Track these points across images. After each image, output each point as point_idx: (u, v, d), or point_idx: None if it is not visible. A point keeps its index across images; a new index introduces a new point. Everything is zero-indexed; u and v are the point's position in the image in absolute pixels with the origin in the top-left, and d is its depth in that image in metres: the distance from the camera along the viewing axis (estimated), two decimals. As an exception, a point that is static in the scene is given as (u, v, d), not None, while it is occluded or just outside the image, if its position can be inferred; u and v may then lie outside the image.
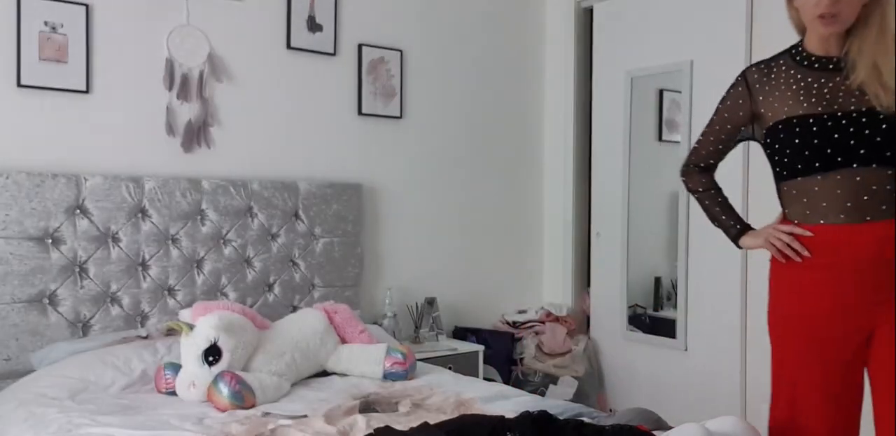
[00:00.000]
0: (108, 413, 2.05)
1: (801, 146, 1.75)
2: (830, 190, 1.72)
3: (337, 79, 3.31)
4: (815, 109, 1.75)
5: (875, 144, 1.70)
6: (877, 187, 1.70)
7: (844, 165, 1.71)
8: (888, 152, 1.70)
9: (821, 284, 1.76)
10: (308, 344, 2.54)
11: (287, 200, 3.07)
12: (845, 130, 1.71)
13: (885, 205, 1.70)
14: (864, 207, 1.70)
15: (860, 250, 1.71)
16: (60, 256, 2.57)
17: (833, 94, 1.76)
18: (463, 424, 1.86)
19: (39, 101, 2.64)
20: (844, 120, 1.72)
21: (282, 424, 1.95)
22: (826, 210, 1.74)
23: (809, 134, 1.73)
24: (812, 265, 1.77)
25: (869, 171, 1.70)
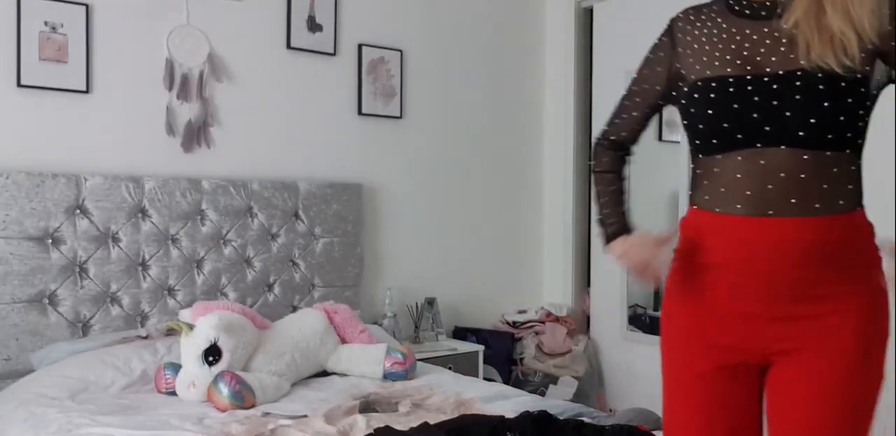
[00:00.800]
0: (108, 413, 2.05)
1: (702, 117, 1.37)
2: (730, 173, 1.34)
3: (337, 79, 3.31)
4: (724, 69, 1.37)
5: (785, 120, 1.29)
6: (786, 175, 1.28)
7: (746, 143, 1.32)
8: (801, 132, 1.28)
9: (705, 286, 1.38)
10: (308, 344, 2.54)
11: (287, 200, 3.07)
12: (748, 99, 1.32)
13: (795, 198, 1.28)
14: (768, 198, 1.29)
15: (753, 252, 1.31)
16: (60, 256, 2.57)
17: (755, 50, 1.36)
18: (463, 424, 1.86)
19: (39, 101, 2.64)
20: (751, 85, 1.33)
21: (282, 424, 1.95)
22: (724, 197, 1.35)
23: (708, 102, 1.36)
24: (700, 263, 1.39)
25: (776, 153, 1.29)
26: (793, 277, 1.30)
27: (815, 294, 1.30)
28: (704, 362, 1.38)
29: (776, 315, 1.31)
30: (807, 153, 1.28)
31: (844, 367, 1.28)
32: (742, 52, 1.37)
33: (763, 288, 1.31)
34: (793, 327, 1.31)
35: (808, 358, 1.30)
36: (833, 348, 1.29)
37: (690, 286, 1.40)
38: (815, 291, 1.30)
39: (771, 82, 1.31)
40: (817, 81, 1.28)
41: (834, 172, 1.30)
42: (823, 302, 1.30)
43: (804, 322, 1.30)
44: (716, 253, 1.36)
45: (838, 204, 1.30)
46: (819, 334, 1.30)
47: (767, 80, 1.32)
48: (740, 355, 1.35)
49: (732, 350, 1.35)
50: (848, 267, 1.31)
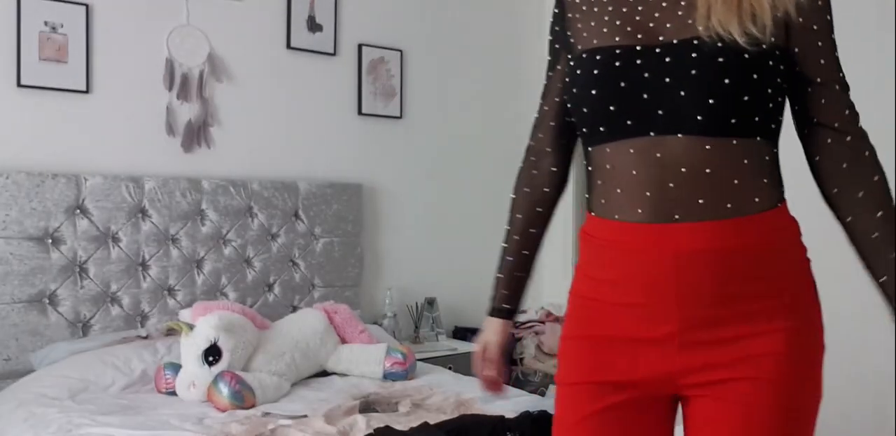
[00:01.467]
0: (108, 413, 2.05)
1: (585, 98, 1.11)
2: (624, 170, 1.08)
3: (337, 79, 3.31)
4: (612, 38, 1.11)
5: (679, 101, 1.05)
6: (688, 169, 1.04)
7: (638, 131, 1.07)
8: (699, 115, 1.04)
9: (605, 308, 1.13)
10: (308, 344, 2.54)
11: (287, 200, 3.07)
12: (638, 76, 1.07)
13: (703, 198, 1.04)
14: (671, 199, 1.05)
15: (658, 266, 1.06)
16: (60, 256, 2.57)
17: (649, 13, 1.11)
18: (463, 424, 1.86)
19: (39, 101, 2.64)
20: (640, 58, 1.07)
21: (282, 424, 1.95)
22: (621, 200, 1.09)
23: (591, 79, 1.10)
24: (600, 277, 1.14)
25: (674, 143, 1.05)
26: (708, 293, 1.05)
27: (736, 313, 1.06)
28: (598, 399, 1.12)
29: (690, 340, 1.06)
30: (709, 142, 1.04)
31: (775, 400, 1.06)
32: (634, 17, 1.11)
33: (673, 309, 1.06)
34: (710, 353, 1.06)
35: (732, 391, 1.06)
36: (760, 378, 1.06)
37: (589, 309, 1.15)
38: (735, 308, 1.06)
39: (663, 54, 1.06)
40: (716, 53, 1.03)
41: (745, 164, 1.06)
42: (746, 322, 1.06)
43: (724, 348, 1.06)
44: (616, 269, 1.10)
45: (754, 202, 1.07)
46: (743, 363, 1.06)
47: (660, 51, 1.06)
48: (647, 389, 1.11)
49: (637, 384, 1.10)
50: (772, 277, 1.08)
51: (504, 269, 1.33)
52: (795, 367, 1.08)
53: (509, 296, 1.34)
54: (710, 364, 1.07)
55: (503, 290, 1.33)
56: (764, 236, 1.08)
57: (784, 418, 1.07)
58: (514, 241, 1.32)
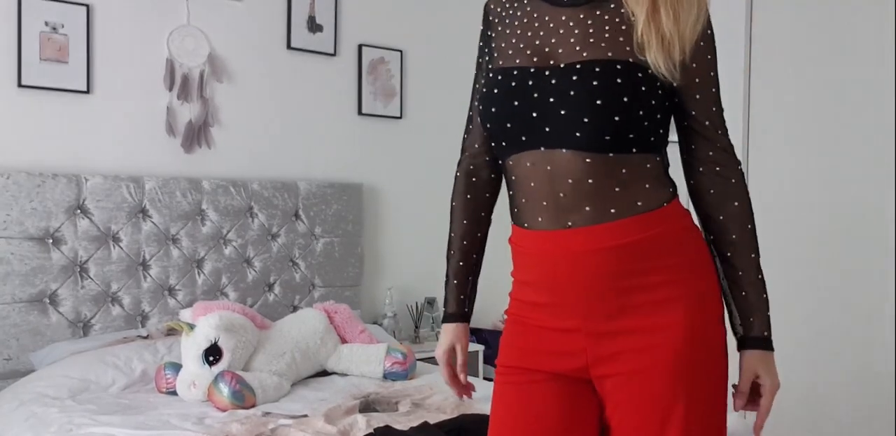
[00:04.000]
0: (108, 413, 2.06)
1: (488, 114, 1.23)
2: (525, 180, 1.20)
3: (337, 79, 3.32)
4: (513, 60, 1.22)
5: (561, 119, 1.15)
6: (574, 181, 1.15)
7: (531, 146, 1.18)
8: (577, 132, 1.14)
9: (521, 308, 1.26)
10: (308, 344, 2.55)
11: (287, 200, 3.08)
12: (529, 96, 1.17)
13: (590, 205, 1.15)
14: (563, 207, 1.16)
15: (558, 268, 1.18)
16: (61, 256, 2.58)
17: (547, 38, 1.21)
18: (463, 424, 1.86)
19: (40, 101, 2.64)
20: (532, 79, 1.18)
21: (282, 423, 1.96)
22: (526, 208, 1.21)
23: (488, 95, 1.22)
24: (517, 281, 1.27)
25: (560, 157, 1.15)
26: (605, 288, 1.15)
27: (634, 303, 1.15)
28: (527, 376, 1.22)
29: (594, 332, 1.16)
30: (588, 156, 1.14)
31: (663, 393, 1.13)
32: (535, 41, 1.22)
33: (577, 305, 1.16)
34: (611, 344, 1.16)
35: (628, 383, 1.15)
36: (653, 371, 1.14)
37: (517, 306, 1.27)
38: (633, 299, 1.15)
39: (551, 76, 1.17)
40: (592, 77, 1.14)
41: (623, 174, 1.16)
42: (644, 313, 1.15)
43: (622, 339, 1.15)
44: (531, 272, 1.22)
45: (636, 205, 1.16)
46: (637, 356, 1.14)
47: (548, 73, 1.17)
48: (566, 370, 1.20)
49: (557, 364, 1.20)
50: (667, 267, 1.16)
51: (457, 274, 1.40)
52: (689, 365, 1.15)
53: (465, 299, 1.40)
54: (616, 353, 1.16)
55: (459, 294, 1.39)
56: (649, 233, 1.16)
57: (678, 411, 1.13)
58: (463, 245, 1.41)
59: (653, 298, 1.15)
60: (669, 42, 1.14)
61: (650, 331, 1.15)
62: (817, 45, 2.83)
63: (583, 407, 1.20)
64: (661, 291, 1.16)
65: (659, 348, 1.14)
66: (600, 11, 1.19)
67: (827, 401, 2.81)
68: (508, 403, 1.24)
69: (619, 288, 1.15)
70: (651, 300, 1.15)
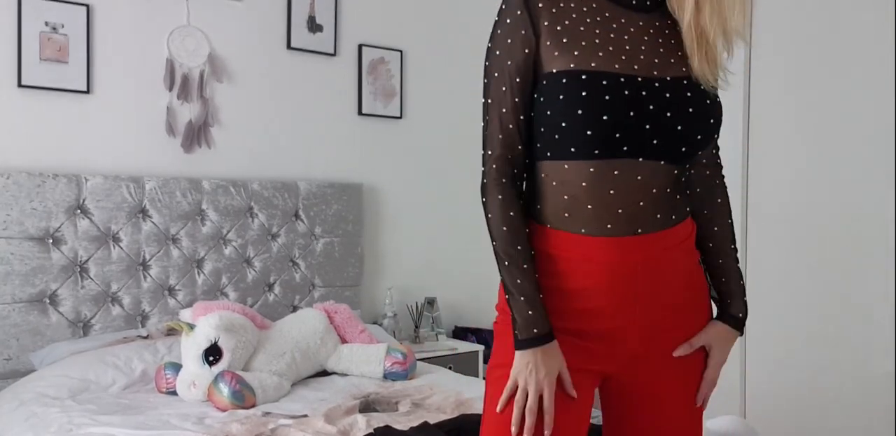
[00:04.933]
0: (108, 413, 2.06)
1: (578, 116, 1.12)
2: (602, 187, 1.14)
3: (337, 79, 3.32)
4: (610, 64, 1.14)
5: (673, 134, 1.14)
6: (657, 191, 1.16)
7: (629, 154, 1.14)
8: (685, 147, 1.16)
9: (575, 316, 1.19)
10: (308, 344, 2.55)
11: (287, 200, 3.08)
12: (642, 107, 1.13)
13: (660, 213, 1.18)
14: (637, 215, 1.16)
15: (626, 273, 1.16)
16: (61, 256, 2.58)
17: (635, 45, 1.17)
18: (463, 423, 1.86)
19: (40, 101, 2.64)
20: (646, 90, 1.13)
21: (282, 423, 1.96)
22: (591, 215, 1.15)
23: (595, 101, 1.12)
24: (566, 291, 1.18)
25: (654, 168, 1.15)
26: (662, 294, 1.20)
27: (684, 299, 1.24)
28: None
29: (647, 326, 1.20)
30: (677, 168, 1.18)
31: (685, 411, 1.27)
32: (624, 46, 1.16)
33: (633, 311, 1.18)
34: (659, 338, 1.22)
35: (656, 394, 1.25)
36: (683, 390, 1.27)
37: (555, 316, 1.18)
38: (682, 296, 1.24)
39: (662, 89, 1.14)
40: (704, 94, 1.16)
41: (681, 182, 1.24)
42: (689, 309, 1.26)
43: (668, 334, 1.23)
44: (578, 277, 1.17)
45: (684, 211, 1.25)
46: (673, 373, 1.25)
47: (658, 86, 1.14)
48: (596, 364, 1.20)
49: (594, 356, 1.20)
50: (698, 269, 1.28)
51: (531, 299, 1.17)
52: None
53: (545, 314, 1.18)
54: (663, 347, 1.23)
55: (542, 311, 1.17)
56: (686, 241, 1.25)
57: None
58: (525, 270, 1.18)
59: (695, 296, 1.26)
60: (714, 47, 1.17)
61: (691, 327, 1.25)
62: (818, 46, 2.83)
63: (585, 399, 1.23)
64: (698, 288, 1.27)
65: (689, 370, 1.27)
66: (671, 21, 1.21)
67: (827, 401, 2.80)
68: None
69: (672, 289, 1.22)
70: (694, 298, 1.26)
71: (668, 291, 1.21)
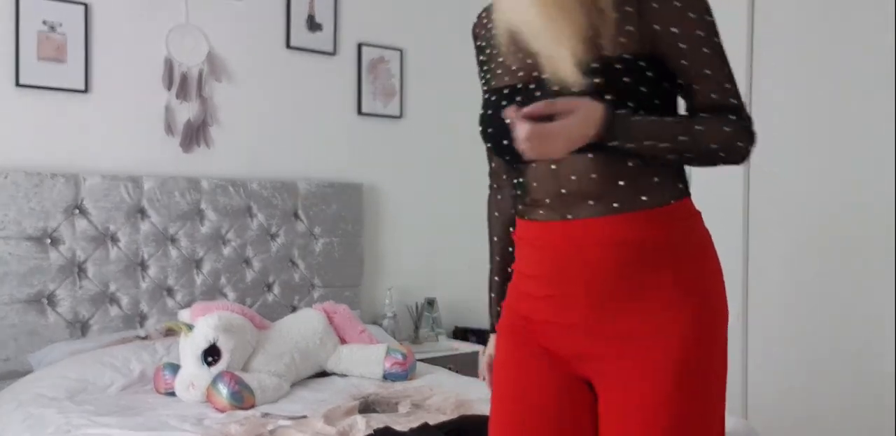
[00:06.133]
0: (106, 414, 2.05)
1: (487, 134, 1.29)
2: (528, 180, 1.26)
3: (337, 78, 3.31)
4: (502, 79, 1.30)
5: None
6: (577, 177, 1.19)
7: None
8: None
9: (528, 300, 1.27)
10: (308, 344, 2.54)
11: (286, 200, 3.07)
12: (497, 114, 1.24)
13: (592, 199, 1.19)
14: (565, 201, 1.21)
15: (554, 257, 1.22)
16: (59, 256, 2.57)
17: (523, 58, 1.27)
18: (463, 424, 1.85)
19: (38, 100, 2.63)
20: (519, 96, 1.24)
21: (281, 424, 1.95)
22: (529, 204, 1.27)
23: (487, 116, 1.28)
24: (523, 274, 1.30)
25: (564, 158, 1.18)
26: (605, 285, 1.17)
27: (635, 305, 1.16)
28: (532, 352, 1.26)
29: (593, 330, 1.19)
30: (591, 152, 1.15)
31: (656, 401, 1.14)
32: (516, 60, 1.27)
33: (580, 297, 1.19)
34: (609, 344, 1.18)
35: (620, 387, 1.17)
36: (646, 378, 1.15)
37: (518, 300, 1.30)
38: (634, 300, 1.16)
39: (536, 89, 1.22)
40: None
41: (629, 167, 1.18)
42: (646, 316, 1.16)
43: (620, 341, 1.17)
44: (530, 262, 1.27)
45: (640, 200, 1.17)
46: (634, 360, 1.16)
47: (534, 87, 1.22)
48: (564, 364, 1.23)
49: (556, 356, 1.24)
50: (669, 265, 1.17)
51: (494, 288, 1.44)
52: (686, 375, 1.15)
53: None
54: (613, 354, 1.18)
55: (497, 307, 1.43)
56: (653, 232, 1.17)
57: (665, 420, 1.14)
58: (497, 262, 1.44)
59: (656, 301, 1.16)
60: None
61: (650, 336, 1.15)
62: (818, 46, 2.82)
63: (579, 401, 1.23)
64: (664, 293, 1.16)
65: (657, 354, 1.14)
66: None
67: (828, 402, 2.80)
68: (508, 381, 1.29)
69: (620, 287, 1.17)
70: (654, 303, 1.16)
71: (622, 293, 1.16)
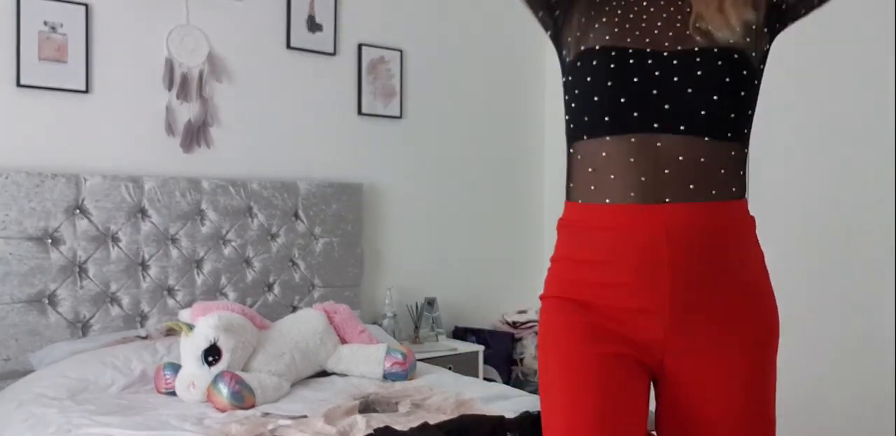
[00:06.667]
0: (107, 413, 2.05)
1: (593, 92, 1.21)
2: (622, 157, 1.18)
3: (337, 79, 3.31)
4: (622, 39, 1.21)
5: (688, 103, 1.16)
6: (684, 158, 1.16)
7: (642, 123, 1.17)
8: (703, 110, 1.16)
9: (594, 288, 1.21)
10: (308, 344, 2.54)
11: (287, 200, 3.07)
12: (649, 77, 1.17)
13: (694, 183, 1.16)
14: (664, 183, 1.16)
15: (645, 241, 1.16)
16: (60, 256, 2.57)
17: (652, 22, 1.22)
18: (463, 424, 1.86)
19: (39, 100, 2.64)
20: (651, 59, 1.18)
21: (281, 424, 1.95)
22: (614, 185, 1.18)
23: (605, 75, 1.20)
24: (590, 261, 1.21)
25: (675, 137, 1.16)
26: (695, 270, 1.16)
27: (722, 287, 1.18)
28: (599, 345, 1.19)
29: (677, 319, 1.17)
30: (707, 136, 1.17)
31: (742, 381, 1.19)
32: (640, 24, 1.22)
33: (664, 289, 1.16)
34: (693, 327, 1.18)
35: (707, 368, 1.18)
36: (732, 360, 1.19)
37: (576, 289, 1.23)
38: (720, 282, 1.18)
39: (671, 58, 1.18)
40: (715, 57, 1.17)
41: (732, 156, 1.19)
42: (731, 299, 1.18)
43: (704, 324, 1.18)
44: (604, 249, 1.19)
45: (732, 191, 1.19)
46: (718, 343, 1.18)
47: (667, 55, 1.18)
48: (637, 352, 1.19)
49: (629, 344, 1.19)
50: (749, 258, 1.21)
51: None
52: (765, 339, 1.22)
53: None
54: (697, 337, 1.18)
55: None
56: (736, 222, 1.21)
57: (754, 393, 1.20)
58: None
59: (739, 285, 1.19)
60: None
61: (736, 320, 1.18)
62: (818, 46, 2.82)
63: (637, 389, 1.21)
64: (745, 275, 1.20)
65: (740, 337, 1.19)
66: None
67: (828, 402, 2.80)
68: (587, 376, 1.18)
69: (710, 270, 1.17)
70: (737, 287, 1.19)
71: (703, 270, 1.16)
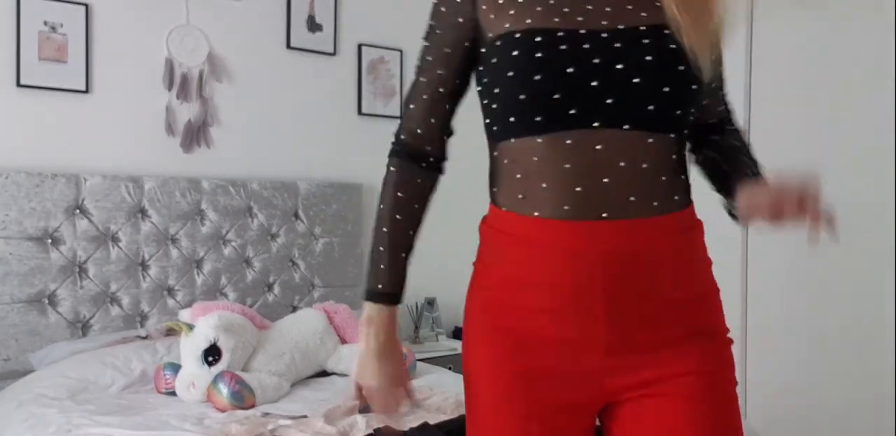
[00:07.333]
0: (107, 413, 2.05)
1: (518, 89, 1.00)
2: (555, 163, 0.98)
3: (337, 79, 3.31)
4: (547, 19, 0.99)
5: (634, 96, 0.97)
6: (625, 165, 0.97)
7: (580, 122, 0.97)
8: (651, 105, 0.97)
9: (526, 316, 1.03)
10: (308, 344, 2.54)
11: (287, 200, 3.07)
12: (587, 66, 0.96)
13: (635, 195, 0.97)
14: (602, 194, 0.97)
15: (580, 268, 0.98)
16: (60, 256, 2.57)
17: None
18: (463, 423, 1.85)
19: (39, 100, 2.64)
20: (588, 43, 0.97)
21: (281, 424, 1.95)
22: (545, 196, 0.99)
23: (531, 66, 0.98)
24: (521, 284, 1.04)
25: (619, 136, 0.97)
26: (636, 296, 0.98)
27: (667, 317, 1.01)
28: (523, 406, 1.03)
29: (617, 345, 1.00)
30: (652, 136, 0.98)
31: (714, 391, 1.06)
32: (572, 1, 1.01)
33: (600, 312, 0.98)
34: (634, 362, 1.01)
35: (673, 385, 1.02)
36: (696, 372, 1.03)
37: (497, 312, 1.07)
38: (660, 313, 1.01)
39: (611, 39, 0.97)
40: (668, 40, 0.97)
41: (672, 160, 1.01)
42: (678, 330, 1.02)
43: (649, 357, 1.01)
44: (534, 270, 1.01)
45: (674, 200, 1.01)
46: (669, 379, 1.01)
47: (607, 36, 0.98)
48: (570, 395, 1.02)
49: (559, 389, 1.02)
50: (691, 279, 1.04)
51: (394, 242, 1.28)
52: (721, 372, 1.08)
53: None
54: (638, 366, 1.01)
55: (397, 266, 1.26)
56: (680, 236, 1.02)
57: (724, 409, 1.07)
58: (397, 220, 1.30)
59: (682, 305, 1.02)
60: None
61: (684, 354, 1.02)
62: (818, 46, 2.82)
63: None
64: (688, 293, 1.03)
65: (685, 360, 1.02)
66: None
67: (828, 402, 2.80)
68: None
69: (650, 299, 0.99)
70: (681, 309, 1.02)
71: (648, 297, 0.99)
